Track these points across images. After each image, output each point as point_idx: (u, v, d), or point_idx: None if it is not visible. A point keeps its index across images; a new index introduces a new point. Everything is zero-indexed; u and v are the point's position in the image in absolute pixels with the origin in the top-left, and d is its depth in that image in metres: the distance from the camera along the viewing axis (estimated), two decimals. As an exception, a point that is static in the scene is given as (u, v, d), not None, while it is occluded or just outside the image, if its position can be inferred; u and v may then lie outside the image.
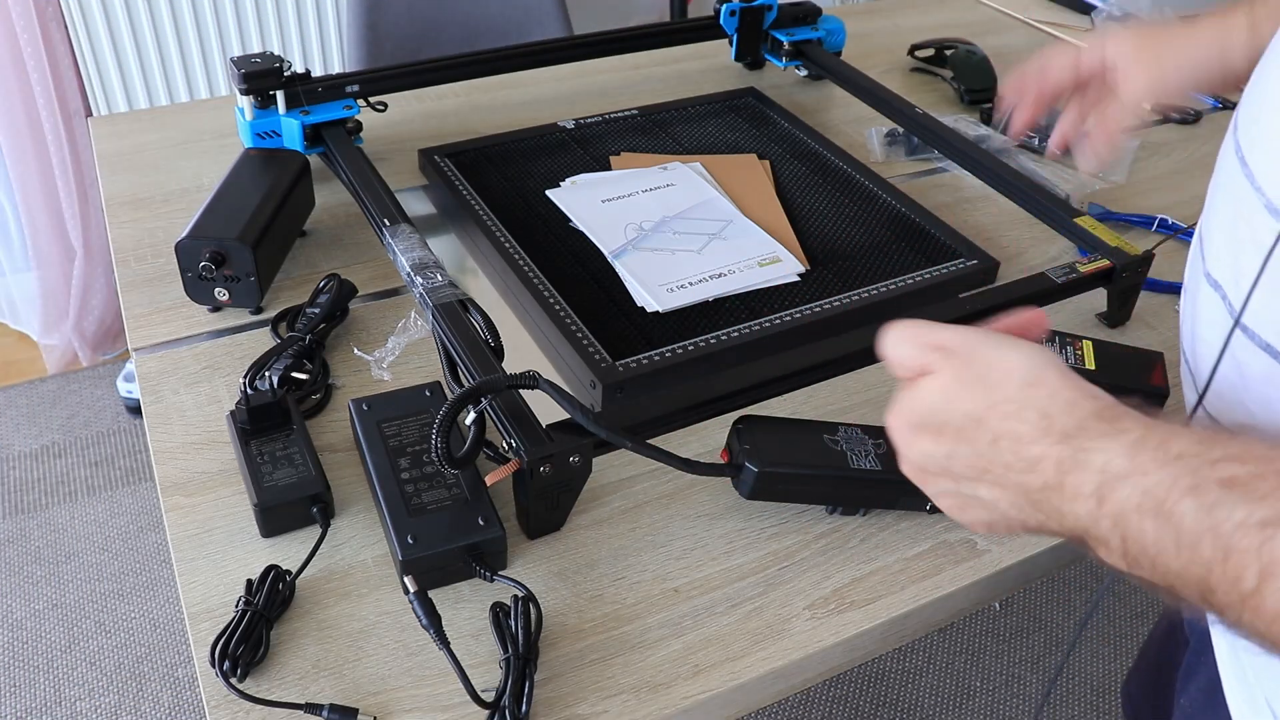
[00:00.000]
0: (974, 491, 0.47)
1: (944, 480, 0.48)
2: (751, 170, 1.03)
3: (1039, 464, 0.43)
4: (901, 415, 0.49)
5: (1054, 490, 0.43)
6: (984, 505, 0.47)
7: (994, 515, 0.47)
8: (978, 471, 0.46)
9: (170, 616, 1.62)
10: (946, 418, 0.46)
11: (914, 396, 0.49)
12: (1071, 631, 1.71)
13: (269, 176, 0.88)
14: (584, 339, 0.78)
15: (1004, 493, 0.45)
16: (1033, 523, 0.45)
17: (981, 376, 0.46)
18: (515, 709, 0.55)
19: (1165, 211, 1.04)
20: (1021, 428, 0.44)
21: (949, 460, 0.47)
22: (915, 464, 0.49)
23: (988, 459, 0.45)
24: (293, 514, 0.65)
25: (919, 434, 0.48)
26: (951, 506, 0.49)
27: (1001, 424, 0.45)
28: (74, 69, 1.84)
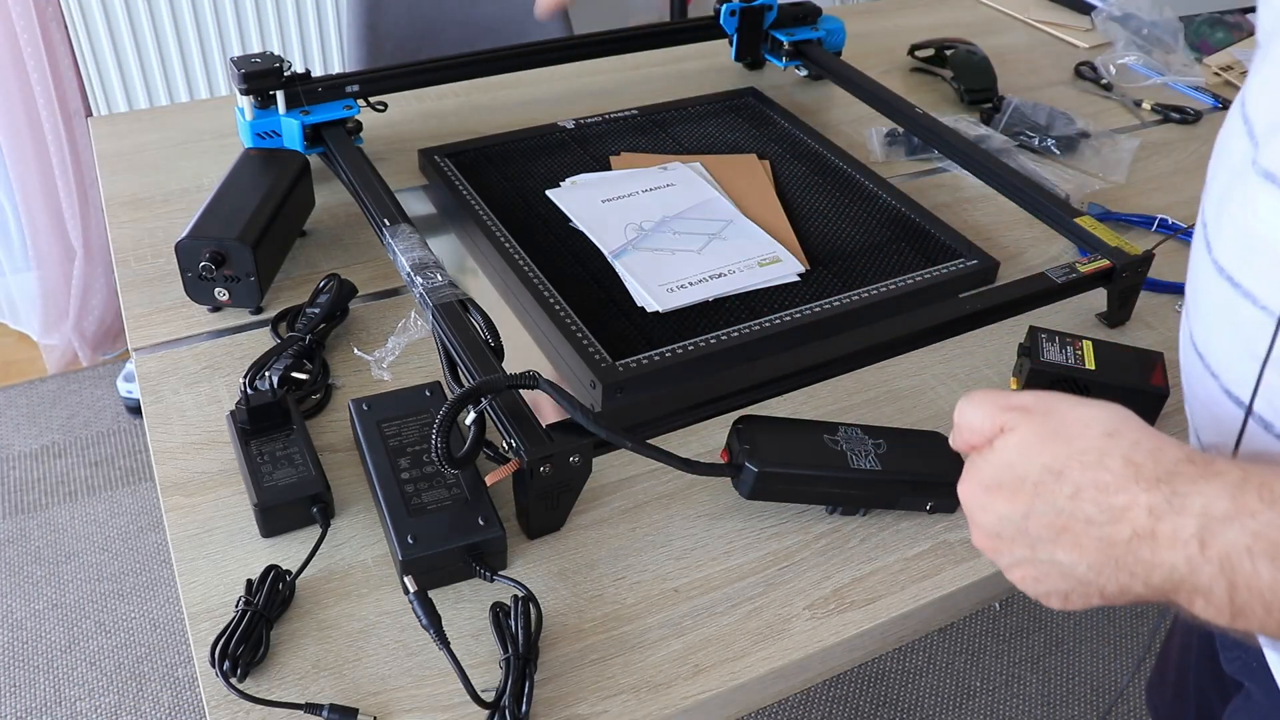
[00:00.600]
0: (1052, 556, 0.44)
1: (1020, 546, 0.46)
2: (751, 170, 1.03)
3: (1127, 513, 0.41)
4: (975, 478, 0.48)
5: (1145, 540, 0.41)
6: (1062, 572, 0.44)
7: (1071, 583, 0.44)
8: (1056, 531, 0.43)
9: (170, 616, 1.62)
10: (1024, 473, 0.45)
11: (989, 457, 0.47)
12: (1069, 631, 1.71)
13: (269, 176, 0.88)
14: (584, 339, 0.78)
15: (1083, 554, 0.43)
16: (1113, 587, 0.43)
17: (1059, 430, 0.45)
18: (515, 709, 0.55)
19: (1165, 211, 1.04)
20: (1105, 476, 0.42)
21: (1026, 521, 0.45)
22: (989, 530, 0.47)
23: (1067, 515, 0.43)
24: (293, 514, 0.65)
25: (994, 495, 0.46)
26: (1027, 578, 0.47)
27: (1083, 474, 0.43)
28: (74, 69, 1.84)
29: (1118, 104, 1.29)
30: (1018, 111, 1.18)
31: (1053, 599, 0.47)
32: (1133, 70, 1.36)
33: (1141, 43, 1.39)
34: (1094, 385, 0.75)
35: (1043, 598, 0.47)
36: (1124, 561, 0.42)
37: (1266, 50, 0.53)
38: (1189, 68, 1.36)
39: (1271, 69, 0.52)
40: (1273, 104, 0.50)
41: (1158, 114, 1.26)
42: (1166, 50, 1.39)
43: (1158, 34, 1.39)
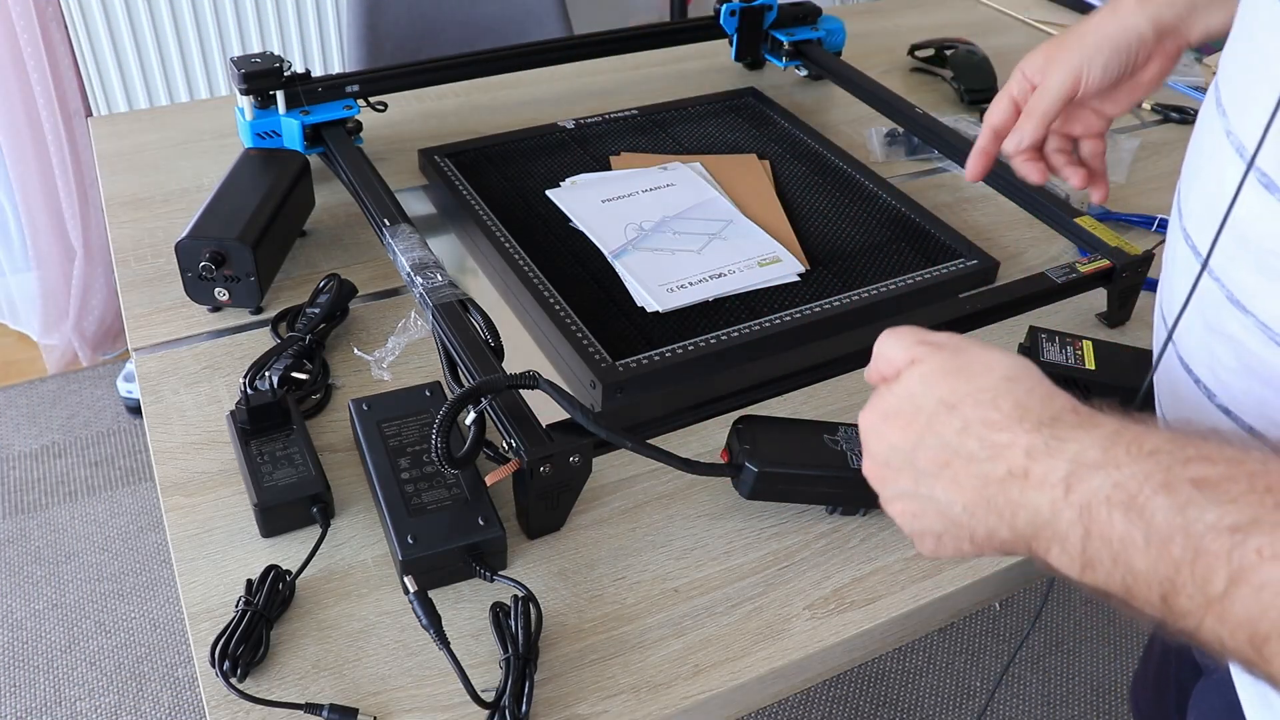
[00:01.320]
0: (932, 491, 0.45)
1: (905, 478, 0.47)
2: (751, 170, 1.03)
3: (1006, 450, 0.42)
4: (875, 406, 0.49)
5: (1017, 479, 0.41)
6: (939, 510, 0.46)
7: (945, 523, 0.46)
8: (939, 465, 0.45)
9: (170, 616, 1.62)
10: (921, 403, 0.46)
11: (892, 387, 0.48)
12: (1069, 631, 1.71)
13: (269, 176, 0.88)
14: (584, 339, 0.78)
15: (960, 491, 0.44)
16: (982, 530, 0.44)
17: (963, 367, 0.46)
18: (515, 709, 0.55)
19: (1165, 211, 1.03)
20: (994, 414, 0.43)
21: (914, 452, 0.46)
22: (879, 458, 0.48)
23: (952, 449, 0.44)
24: (293, 514, 0.65)
25: (889, 423, 0.48)
26: (906, 513, 0.48)
27: (974, 410, 0.44)
28: (74, 69, 1.85)
29: (1118, 104, 1.28)
30: (1018, 111, 1.17)
31: (926, 540, 0.48)
32: (1133, 70, 1.36)
33: (1141, 43, 1.39)
34: (1094, 385, 0.75)
35: (917, 537, 0.48)
36: (995, 501, 0.42)
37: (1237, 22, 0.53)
38: (1189, 68, 1.36)
39: (1236, 40, 0.52)
40: (1237, 75, 0.51)
41: (1158, 114, 1.26)
42: (1166, 50, 1.38)
43: (1158, 34, 1.39)
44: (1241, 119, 0.50)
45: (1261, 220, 0.47)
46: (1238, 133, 0.50)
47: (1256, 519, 0.35)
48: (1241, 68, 0.51)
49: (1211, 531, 0.36)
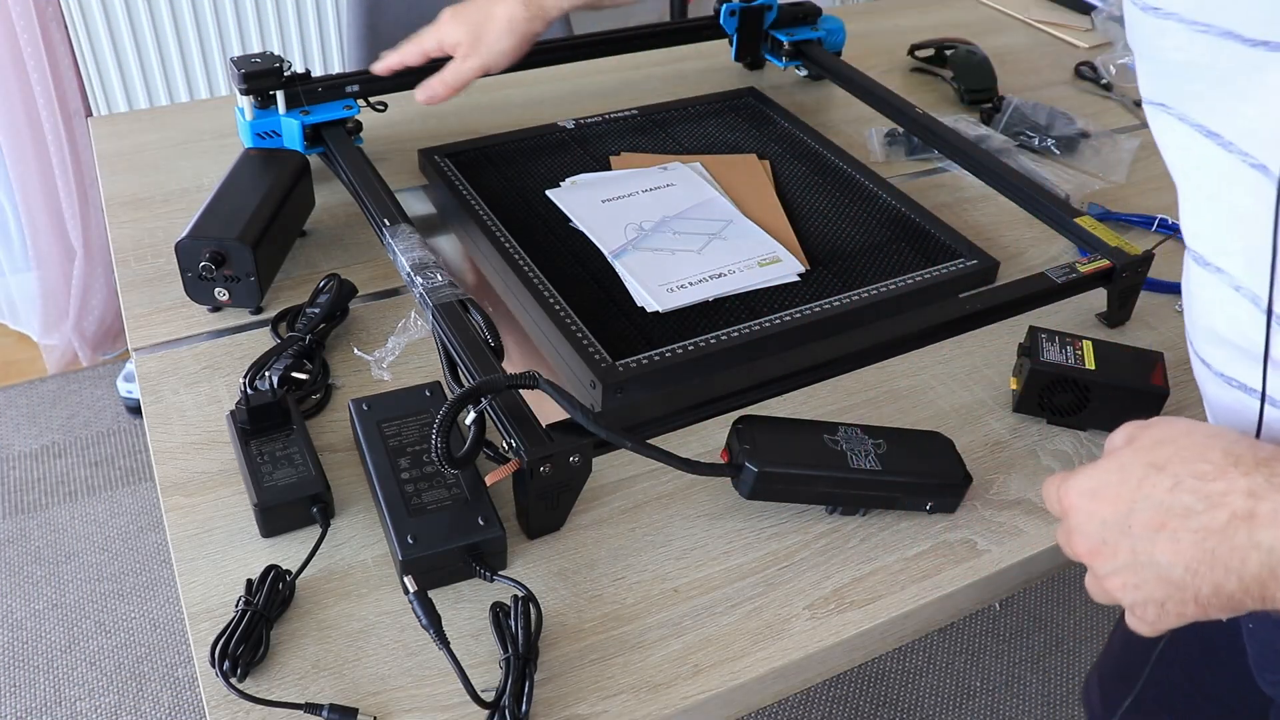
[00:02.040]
0: (1151, 556, 0.45)
1: (1121, 551, 0.46)
2: (751, 170, 1.03)
3: (1225, 497, 0.42)
4: (1079, 487, 0.49)
5: (1242, 522, 0.41)
6: (1159, 575, 0.45)
7: (1168, 589, 0.45)
8: (1156, 528, 0.44)
9: (170, 616, 1.62)
10: (1129, 473, 0.46)
11: (1101, 463, 0.48)
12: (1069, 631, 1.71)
13: (269, 176, 0.88)
14: (584, 339, 0.78)
15: (1180, 552, 0.43)
16: (1207, 588, 0.43)
17: (1169, 437, 0.46)
18: (515, 709, 0.55)
19: (1165, 211, 1.04)
20: (1204, 466, 0.43)
21: (1129, 519, 0.45)
22: (1094, 537, 0.48)
23: (1166, 508, 0.44)
24: (293, 514, 0.65)
25: (1098, 499, 0.47)
26: (1127, 585, 0.47)
27: (1183, 467, 0.44)
28: (74, 69, 1.84)
29: (1118, 104, 1.29)
30: (1018, 111, 1.18)
31: (1149, 610, 0.47)
32: (1133, 70, 1.36)
33: (1141, 43, 1.39)
34: (1094, 385, 0.75)
35: (1138, 609, 0.48)
36: (1219, 553, 0.42)
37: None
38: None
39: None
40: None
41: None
42: (1166, 50, 1.38)
43: (1158, 34, 1.39)
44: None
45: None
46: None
47: None
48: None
49: None
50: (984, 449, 0.76)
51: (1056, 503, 0.51)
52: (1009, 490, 0.73)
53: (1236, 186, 0.47)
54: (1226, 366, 0.53)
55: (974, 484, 0.72)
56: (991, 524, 0.70)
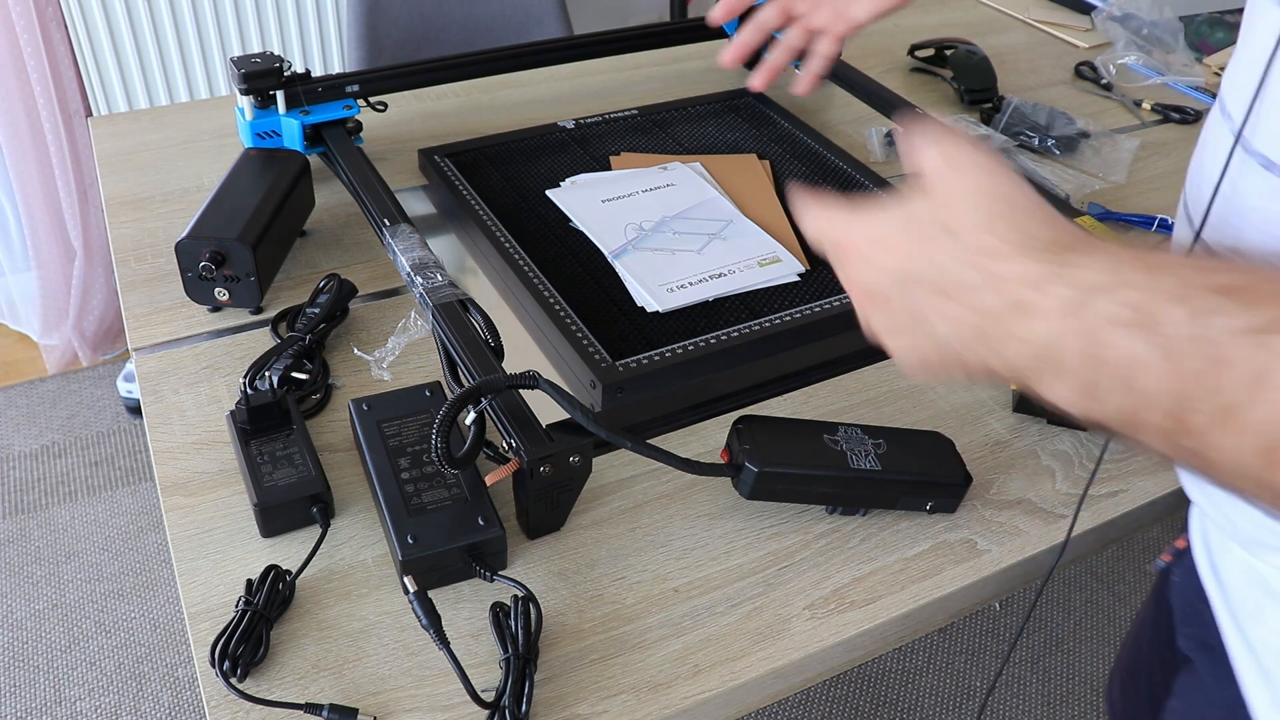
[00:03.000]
0: (926, 317, 0.43)
1: (898, 305, 0.45)
2: (751, 170, 1.03)
3: (1006, 282, 0.40)
4: (874, 227, 0.46)
5: (1017, 310, 0.39)
6: (930, 336, 0.43)
7: (938, 351, 0.44)
8: (934, 292, 0.42)
9: (170, 616, 1.62)
10: (923, 229, 0.43)
11: (895, 211, 0.45)
12: (1069, 631, 1.71)
13: (269, 176, 0.88)
14: (584, 339, 0.78)
15: (956, 319, 0.42)
16: (975, 360, 0.42)
17: (969, 193, 0.43)
18: (515, 709, 0.55)
19: (1165, 211, 1.04)
20: (995, 241, 0.41)
21: (907, 279, 0.43)
22: (868, 284, 0.46)
23: (951, 277, 0.42)
24: (293, 514, 0.66)
25: (886, 249, 0.45)
26: (901, 346, 0.46)
27: (975, 236, 0.41)
28: (74, 69, 1.85)
29: (1118, 104, 1.29)
30: (1018, 111, 1.18)
31: (916, 367, 0.46)
32: (1133, 70, 1.36)
33: (1141, 43, 1.39)
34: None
35: (908, 364, 0.46)
36: (990, 334, 0.40)
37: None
38: (1189, 68, 1.36)
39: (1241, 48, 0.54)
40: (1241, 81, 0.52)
41: (1158, 114, 1.26)
42: (1166, 50, 1.39)
43: (1158, 34, 1.39)
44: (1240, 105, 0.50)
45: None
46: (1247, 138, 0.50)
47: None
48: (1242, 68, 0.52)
49: (1232, 336, 0.33)
50: (984, 449, 0.76)
51: (829, 234, 0.48)
52: (1009, 490, 0.73)
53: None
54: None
55: (974, 484, 0.72)
56: (991, 524, 0.70)
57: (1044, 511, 0.71)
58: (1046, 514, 0.71)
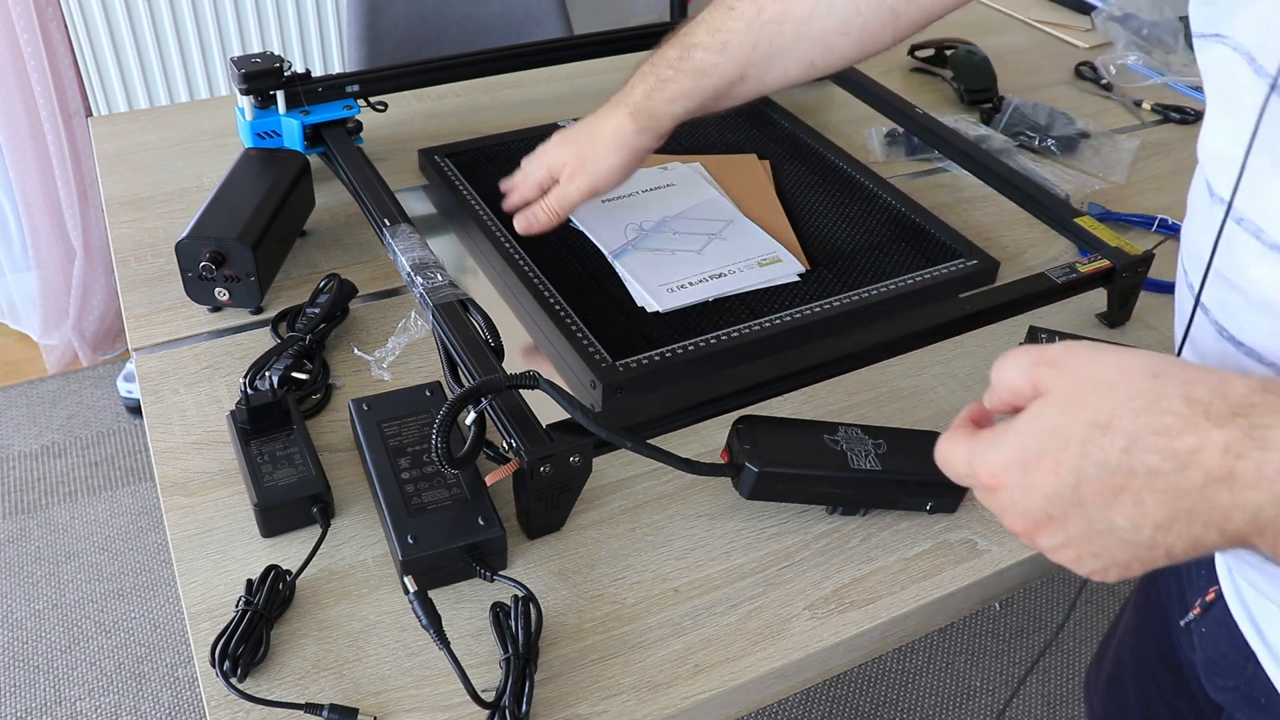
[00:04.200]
0: (1110, 523, 0.39)
1: (1074, 522, 0.41)
2: (751, 170, 1.03)
3: (1197, 455, 0.37)
4: (1008, 458, 0.42)
5: (1224, 482, 0.36)
6: (1122, 540, 0.40)
7: (1134, 551, 0.40)
8: (1113, 493, 0.39)
9: (170, 616, 1.62)
10: (1067, 435, 0.40)
11: (1020, 429, 0.42)
12: (1069, 631, 1.71)
13: (269, 176, 0.88)
14: (584, 339, 0.78)
15: (1147, 513, 0.38)
16: (1182, 545, 0.39)
17: (1099, 380, 0.40)
18: (515, 709, 0.55)
19: (1165, 211, 1.04)
20: (1166, 419, 0.37)
21: (1078, 490, 0.39)
22: (1036, 512, 0.41)
23: (1124, 471, 0.38)
24: (293, 514, 0.65)
25: (1035, 471, 0.41)
26: (1081, 556, 0.42)
27: (1136, 421, 0.38)
28: (74, 69, 1.84)
29: (1118, 104, 1.29)
30: (1018, 111, 1.18)
31: (1111, 571, 0.42)
32: (1133, 70, 1.36)
33: (1141, 43, 1.39)
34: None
35: (1098, 575, 0.43)
36: (1197, 512, 0.37)
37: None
38: (1189, 68, 1.36)
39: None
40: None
41: (1158, 114, 1.26)
42: (1166, 50, 1.39)
43: (1158, 34, 1.39)
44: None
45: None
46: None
47: None
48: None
49: None
50: (984, 449, 0.76)
51: (969, 475, 0.45)
52: (1009, 490, 0.73)
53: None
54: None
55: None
56: (991, 524, 0.70)
57: (1044, 511, 0.71)
58: (1046, 514, 0.71)
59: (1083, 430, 0.39)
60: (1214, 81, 0.50)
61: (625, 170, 0.82)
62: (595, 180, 0.82)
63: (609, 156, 0.81)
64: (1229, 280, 0.49)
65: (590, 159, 0.82)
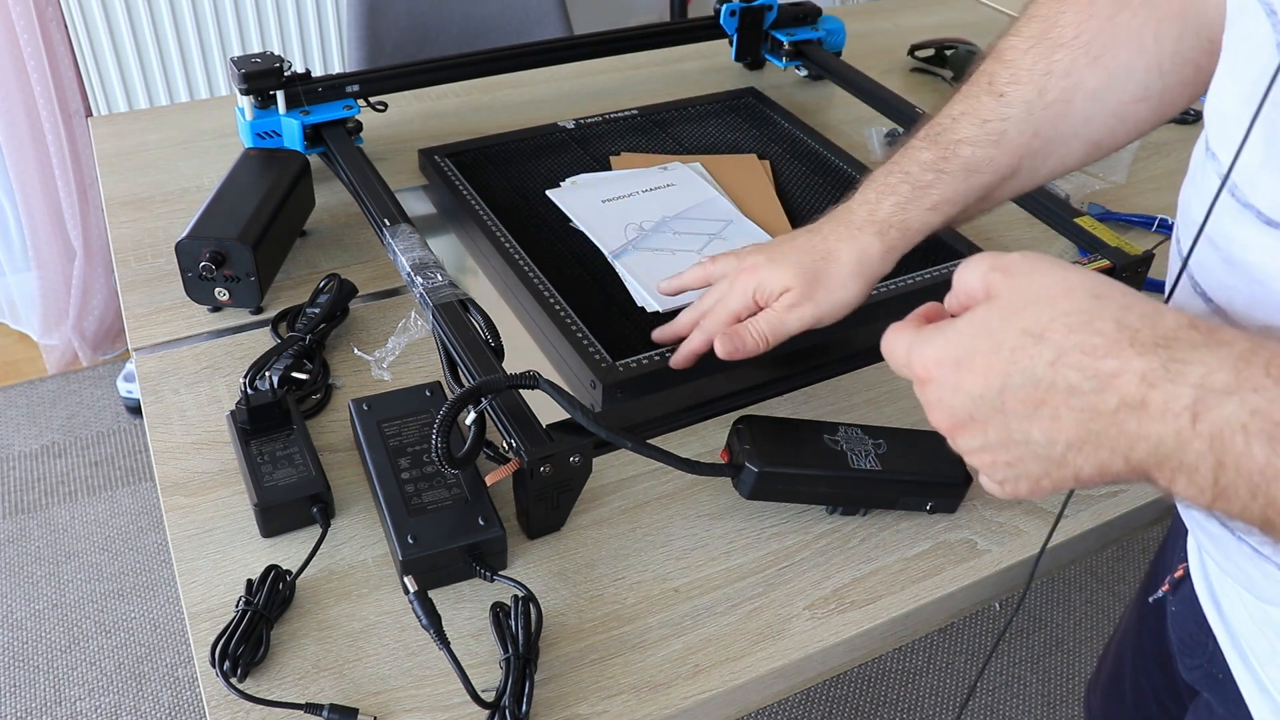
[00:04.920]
0: (1027, 434, 0.40)
1: (994, 427, 0.41)
2: (751, 170, 1.03)
3: (1116, 379, 0.37)
4: (942, 354, 0.43)
5: (1133, 410, 0.37)
6: (1036, 453, 0.40)
7: (1045, 465, 0.41)
8: (1034, 404, 0.39)
9: (170, 616, 1.62)
10: (1001, 338, 0.40)
11: (959, 327, 0.42)
12: (1069, 631, 1.71)
13: (269, 176, 0.88)
14: (584, 339, 0.78)
15: (1061, 428, 0.39)
16: (1090, 467, 0.39)
17: (1041, 292, 0.40)
18: (515, 709, 0.55)
19: (1165, 211, 1.04)
20: (1094, 339, 0.38)
21: (1002, 396, 0.40)
22: (960, 412, 0.43)
23: (1047, 384, 0.39)
24: (293, 514, 0.66)
25: (966, 371, 0.42)
26: (995, 464, 0.43)
27: (1067, 337, 0.39)
28: (74, 69, 1.85)
29: (1118, 104, 1.29)
30: (1018, 111, 1.17)
31: (1021, 485, 0.43)
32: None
33: (1141, 43, 1.39)
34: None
35: (1009, 484, 0.44)
36: (1106, 435, 0.38)
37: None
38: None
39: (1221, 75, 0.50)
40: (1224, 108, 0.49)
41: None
42: (1166, 50, 1.38)
43: (1158, 34, 1.39)
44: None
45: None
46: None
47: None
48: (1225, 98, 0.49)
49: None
50: (984, 449, 0.76)
51: (906, 365, 0.46)
52: (1009, 490, 0.73)
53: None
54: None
55: (974, 484, 0.71)
56: (991, 524, 0.70)
57: (1044, 512, 0.71)
58: (1047, 514, 0.71)
59: (1016, 337, 0.40)
60: (1232, 34, 0.49)
61: (861, 299, 0.70)
62: (825, 310, 0.69)
63: (846, 287, 0.68)
64: (1210, 239, 0.48)
65: (823, 288, 0.68)
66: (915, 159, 0.68)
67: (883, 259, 0.68)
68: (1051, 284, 0.41)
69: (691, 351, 0.72)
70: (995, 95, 0.65)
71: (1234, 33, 0.49)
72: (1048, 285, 0.41)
